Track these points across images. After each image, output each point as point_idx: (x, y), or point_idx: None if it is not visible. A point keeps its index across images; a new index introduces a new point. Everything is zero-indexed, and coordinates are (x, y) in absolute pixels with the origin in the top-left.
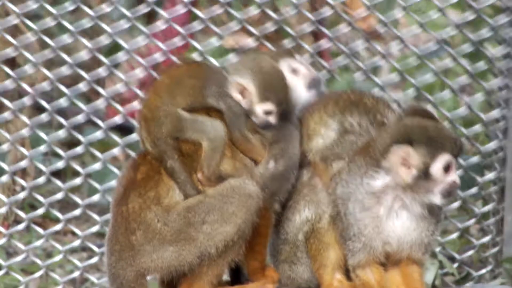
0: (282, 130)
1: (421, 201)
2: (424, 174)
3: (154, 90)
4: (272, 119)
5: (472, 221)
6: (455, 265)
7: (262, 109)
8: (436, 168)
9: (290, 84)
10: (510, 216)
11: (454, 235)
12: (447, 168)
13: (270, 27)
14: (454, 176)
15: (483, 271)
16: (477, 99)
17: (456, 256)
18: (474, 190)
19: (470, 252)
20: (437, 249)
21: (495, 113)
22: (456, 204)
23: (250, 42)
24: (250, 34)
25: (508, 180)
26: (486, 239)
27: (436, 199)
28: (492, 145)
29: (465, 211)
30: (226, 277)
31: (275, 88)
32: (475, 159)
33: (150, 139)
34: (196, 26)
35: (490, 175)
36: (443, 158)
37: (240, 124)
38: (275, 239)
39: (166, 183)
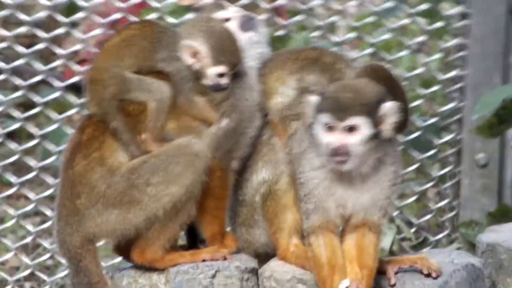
0: (232, 83)
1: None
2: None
3: (103, 51)
4: (224, 80)
5: (430, 184)
6: (413, 230)
7: (215, 72)
8: (316, 124)
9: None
10: (467, 180)
11: (411, 199)
12: (329, 129)
13: None
14: (333, 137)
15: (440, 235)
16: (435, 60)
17: (414, 221)
18: (431, 152)
19: (428, 217)
20: (395, 214)
21: (452, 74)
22: (413, 167)
23: (207, 0)
24: None
25: (465, 142)
26: (443, 203)
27: (328, 162)
28: (449, 106)
29: (422, 174)
30: (183, 242)
31: (228, 51)
32: (433, 120)
33: (95, 100)
34: None
35: (447, 138)
36: (322, 117)
37: (186, 88)
38: (233, 201)
39: (110, 144)
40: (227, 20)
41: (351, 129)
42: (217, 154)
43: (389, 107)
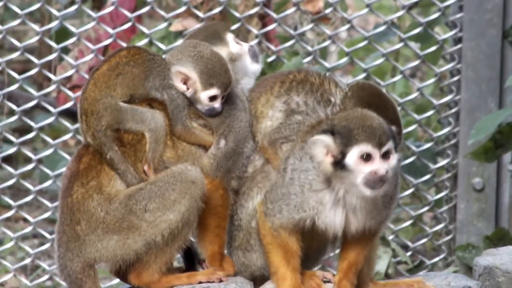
0: (225, 105)
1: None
2: (341, 164)
3: (93, 81)
4: (217, 104)
5: (425, 208)
6: (408, 253)
7: (207, 96)
8: (351, 157)
9: (237, 53)
10: (463, 204)
11: (407, 223)
12: (367, 158)
13: (216, 10)
14: (376, 165)
15: (436, 259)
16: (429, 85)
17: (409, 244)
18: (427, 177)
19: (423, 240)
20: (390, 237)
21: (447, 99)
22: (409, 192)
23: (197, 26)
24: (197, 17)
25: (461, 167)
26: (439, 227)
27: (363, 190)
28: (444, 131)
29: (418, 198)
30: (179, 263)
31: (217, 73)
32: (428, 145)
33: (90, 132)
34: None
35: (443, 162)
36: (360, 148)
37: (182, 116)
38: (229, 226)
39: (107, 173)
40: (238, 42)
41: (387, 154)
42: (219, 174)
43: (394, 130)
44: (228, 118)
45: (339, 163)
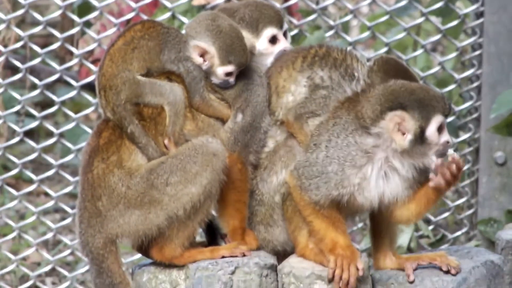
0: (242, 80)
1: (411, 164)
2: (420, 138)
3: (109, 56)
4: (231, 79)
5: None
6: (430, 227)
7: (224, 71)
8: (431, 130)
9: (259, 51)
10: (484, 178)
11: None
12: (440, 129)
13: None
14: (446, 136)
15: (458, 233)
16: (450, 59)
17: (432, 218)
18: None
19: (446, 214)
20: None
21: (468, 73)
22: None
23: (219, 0)
24: None
25: (483, 141)
26: (461, 201)
27: (431, 161)
28: (466, 105)
29: None
30: (201, 238)
31: (236, 50)
32: (449, 120)
33: (109, 107)
34: None
35: (464, 136)
36: (437, 120)
37: (200, 88)
38: (250, 201)
39: (128, 147)
40: (273, 39)
41: None
42: (236, 148)
43: None
44: (246, 92)
45: (418, 138)
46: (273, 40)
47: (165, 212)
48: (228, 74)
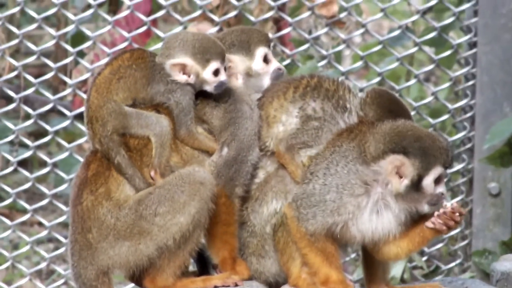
0: (230, 113)
1: (403, 207)
2: (416, 185)
3: (95, 87)
4: (222, 76)
5: None
6: (424, 258)
7: (210, 72)
8: (429, 181)
9: (256, 71)
10: (479, 209)
11: None
12: (437, 180)
13: (231, 14)
14: (443, 187)
15: (452, 264)
16: (443, 89)
17: (425, 249)
18: None
19: (439, 245)
20: None
21: (462, 103)
22: None
23: (212, 30)
24: (212, 21)
25: (476, 171)
26: (454, 232)
27: (423, 208)
28: (460, 136)
29: None
30: (193, 267)
31: (208, 47)
32: None
33: (96, 138)
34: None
35: (458, 166)
36: (436, 171)
37: (187, 120)
38: (241, 232)
39: (116, 178)
40: (265, 59)
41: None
42: (220, 182)
43: None
44: (232, 126)
45: (414, 185)
46: (266, 60)
47: (154, 242)
48: (216, 72)
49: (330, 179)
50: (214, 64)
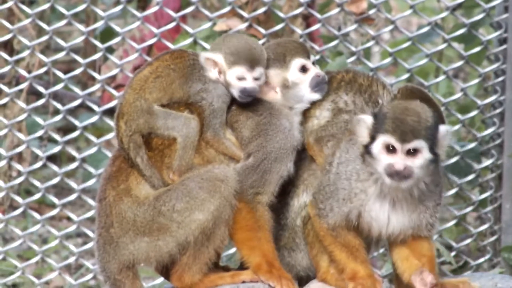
0: (262, 126)
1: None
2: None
3: (131, 84)
4: (248, 84)
5: (469, 208)
6: (453, 253)
7: (234, 75)
8: (376, 144)
9: (293, 81)
10: (508, 204)
11: (451, 223)
12: (391, 150)
13: (260, 10)
14: (395, 159)
15: (481, 260)
16: (473, 85)
17: (454, 244)
18: (471, 177)
19: (468, 241)
20: (434, 237)
21: (491, 99)
22: (453, 191)
23: (241, 26)
24: (241, 17)
25: (506, 167)
26: (483, 227)
27: (385, 179)
28: (489, 131)
29: (462, 199)
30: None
31: (240, 51)
32: (472, 145)
33: (119, 136)
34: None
35: (487, 162)
36: (385, 138)
37: (216, 123)
38: (275, 226)
39: (136, 176)
40: (303, 69)
41: (414, 152)
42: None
43: (444, 130)
44: (262, 137)
45: (367, 147)
46: (303, 69)
47: (174, 239)
48: (241, 78)
49: (341, 167)
50: (239, 69)
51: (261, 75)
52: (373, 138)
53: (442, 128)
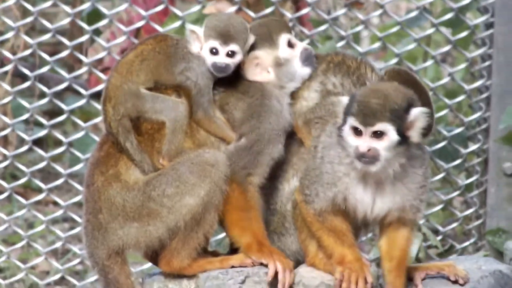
0: (254, 107)
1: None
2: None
3: (116, 68)
4: (219, 59)
5: (456, 193)
6: (439, 237)
7: (207, 48)
8: (346, 127)
9: (285, 58)
10: (493, 188)
11: (437, 208)
12: (357, 132)
13: None
14: (359, 141)
15: (467, 243)
16: (460, 70)
17: (440, 228)
18: (457, 161)
19: (454, 225)
20: (421, 222)
21: (478, 84)
22: (440, 176)
23: (231, 9)
24: (230, 0)
25: (492, 151)
26: (469, 211)
27: (356, 162)
28: (475, 116)
29: (448, 183)
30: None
31: (217, 25)
32: (459, 130)
33: (107, 121)
34: None
35: (473, 147)
36: (351, 120)
37: (204, 102)
38: (264, 211)
39: (126, 161)
40: (290, 44)
41: (379, 134)
42: (230, 168)
43: (417, 113)
44: (255, 119)
45: (340, 129)
46: (290, 44)
47: (164, 224)
48: (213, 52)
49: (325, 151)
50: (213, 42)
51: (237, 53)
52: (345, 121)
53: (415, 110)
